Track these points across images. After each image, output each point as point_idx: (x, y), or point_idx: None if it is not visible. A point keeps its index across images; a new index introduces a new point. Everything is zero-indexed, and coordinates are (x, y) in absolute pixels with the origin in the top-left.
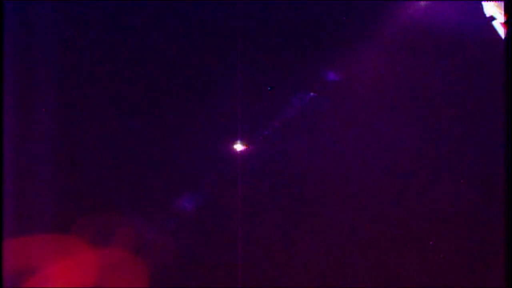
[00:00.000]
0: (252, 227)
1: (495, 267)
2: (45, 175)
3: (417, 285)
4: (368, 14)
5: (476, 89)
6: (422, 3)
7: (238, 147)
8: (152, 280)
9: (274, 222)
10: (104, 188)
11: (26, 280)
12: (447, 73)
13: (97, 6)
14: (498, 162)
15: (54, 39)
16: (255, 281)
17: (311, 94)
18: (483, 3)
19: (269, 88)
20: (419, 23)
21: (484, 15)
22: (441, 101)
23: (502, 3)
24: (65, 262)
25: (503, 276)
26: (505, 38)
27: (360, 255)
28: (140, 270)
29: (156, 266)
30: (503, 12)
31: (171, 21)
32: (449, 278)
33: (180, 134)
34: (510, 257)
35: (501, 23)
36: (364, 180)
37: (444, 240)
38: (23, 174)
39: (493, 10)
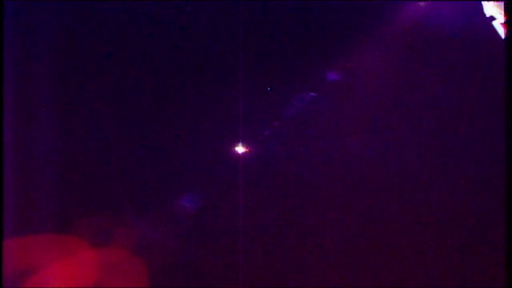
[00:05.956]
0: (252, 227)
1: (495, 267)
2: (45, 175)
3: (418, 285)
4: (368, 14)
5: (476, 89)
6: (422, 3)
7: (240, 148)
8: (152, 280)
9: (275, 222)
10: (104, 188)
11: (26, 280)
12: (447, 73)
13: (98, 6)
14: (498, 162)
15: (54, 39)
16: (256, 282)
17: (311, 94)
18: (483, 3)
19: (269, 88)
20: (419, 23)
21: (484, 15)
22: (441, 101)
23: (502, 3)
24: (65, 262)
25: (503, 276)
26: (505, 38)
27: (361, 255)
28: (140, 270)
29: (156, 266)
30: (503, 12)
31: (172, 22)
32: (450, 278)
33: (181, 135)
34: (510, 257)
35: (501, 23)
36: (364, 180)
37: (444, 240)
38: (23, 174)
39: (493, 10)
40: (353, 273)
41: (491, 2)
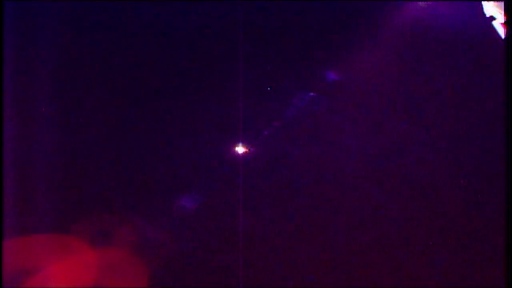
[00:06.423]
0: (252, 227)
1: (495, 267)
2: (45, 175)
3: (418, 285)
4: (369, 15)
5: (477, 89)
6: (422, 3)
7: (240, 148)
8: (152, 280)
9: (275, 222)
10: (104, 188)
11: (26, 280)
12: (447, 73)
13: (98, 7)
14: (498, 161)
15: (54, 39)
16: (256, 281)
17: (311, 94)
18: (483, 3)
19: (269, 88)
20: (419, 23)
21: (484, 15)
22: (441, 100)
23: (502, 3)
24: (65, 262)
25: (503, 276)
26: (505, 38)
27: (361, 256)
28: (140, 270)
29: (156, 266)
30: (503, 12)
31: (173, 22)
32: (450, 278)
33: (181, 135)
34: (510, 257)
35: (501, 23)
36: (365, 180)
37: (444, 240)
38: (23, 175)
39: (493, 10)
40: (353, 273)
41: (491, 2)
